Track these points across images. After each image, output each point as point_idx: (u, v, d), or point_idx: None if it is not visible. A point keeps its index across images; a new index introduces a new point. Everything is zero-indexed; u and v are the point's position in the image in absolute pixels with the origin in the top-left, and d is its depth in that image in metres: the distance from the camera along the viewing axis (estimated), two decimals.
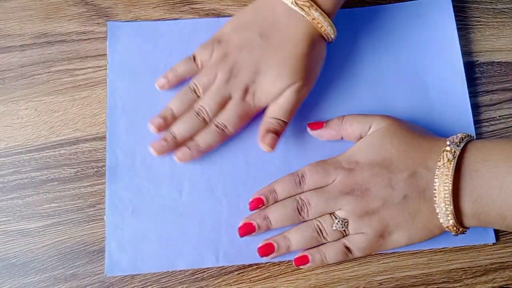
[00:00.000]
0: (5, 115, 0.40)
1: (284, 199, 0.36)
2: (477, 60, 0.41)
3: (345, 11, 0.42)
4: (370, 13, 0.42)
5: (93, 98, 0.41)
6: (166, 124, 0.38)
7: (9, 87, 0.41)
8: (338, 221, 0.34)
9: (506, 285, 0.36)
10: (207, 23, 0.42)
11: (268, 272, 0.37)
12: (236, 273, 0.37)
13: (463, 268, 0.36)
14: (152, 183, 0.38)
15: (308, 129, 0.39)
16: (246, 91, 0.37)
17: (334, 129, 0.38)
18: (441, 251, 0.37)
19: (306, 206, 0.35)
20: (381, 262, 0.37)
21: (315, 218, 0.35)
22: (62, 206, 0.38)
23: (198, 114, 0.37)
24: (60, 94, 0.41)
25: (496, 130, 0.40)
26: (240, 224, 0.36)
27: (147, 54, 0.41)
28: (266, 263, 0.37)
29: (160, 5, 0.43)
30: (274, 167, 0.38)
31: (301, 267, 0.36)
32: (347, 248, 0.35)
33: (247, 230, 0.36)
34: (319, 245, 0.35)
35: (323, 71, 0.40)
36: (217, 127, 0.37)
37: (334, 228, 0.34)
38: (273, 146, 0.37)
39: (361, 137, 0.37)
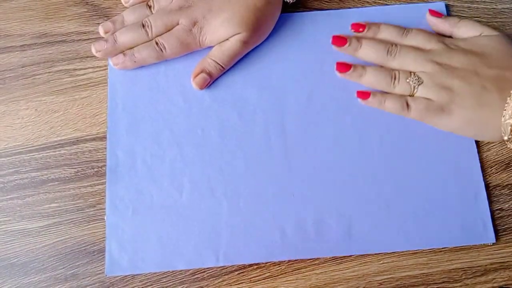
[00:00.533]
0: (6, 115, 0.40)
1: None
2: None
3: (343, 12, 0.42)
4: (368, 14, 0.42)
5: (93, 98, 0.41)
6: (114, 28, 0.40)
7: (10, 87, 0.41)
8: (414, 77, 0.37)
9: (506, 285, 0.36)
10: None
11: (268, 272, 0.37)
12: (236, 273, 0.37)
13: (463, 268, 0.36)
14: (152, 183, 0.38)
15: (428, 13, 0.41)
16: (194, 23, 0.39)
17: (449, 25, 0.40)
18: (441, 251, 0.37)
19: (396, 52, 0.38)
20: (381, 262, 0.37)
21: (395, 69, 0.38)
22: (62, 206, 0.38)
23: (143, 26, 0.39)
24: (60, 94, 0.41)
25: None
26: (334, 34, 0.40)
27: None
28: (266, 263, 0.37)
29: None
30: (274, 167, 0.38)
31: (359, 100, 0.39)
32: (407, 105, 0.37)
33: (339, 41, 0.39)
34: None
35: (322, 71, 0.40)
36: (156, 44, 0.39)
37: (407, 81, 0.37)
38: (201, 86, 0.39)
39: None
